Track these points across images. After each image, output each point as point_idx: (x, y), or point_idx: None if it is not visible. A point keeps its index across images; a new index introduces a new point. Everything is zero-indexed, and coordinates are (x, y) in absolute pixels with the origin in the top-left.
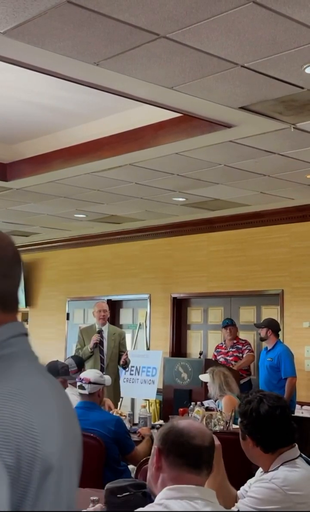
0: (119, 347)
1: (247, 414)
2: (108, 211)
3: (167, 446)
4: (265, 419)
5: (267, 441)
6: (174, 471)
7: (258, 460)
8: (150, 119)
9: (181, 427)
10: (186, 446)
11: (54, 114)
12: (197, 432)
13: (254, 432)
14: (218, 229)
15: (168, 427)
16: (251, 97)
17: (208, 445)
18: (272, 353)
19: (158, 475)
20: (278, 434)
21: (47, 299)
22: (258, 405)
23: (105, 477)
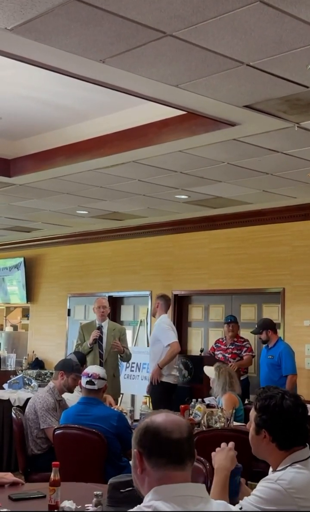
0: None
1: (268, 409)
2: (111, 208)
3: (147, 448)
4: (287, 415)
5: (285, 437)
6: (158, 471)
7: (269, 456)
8: (154, 116)
9: (156, 425)
10: (165, 443)
11: (58, 111)
12: (174, 426)
13: (274, 427)
14: (219, 226)
15: (143, 428)
16: (255, 96)
17: (187, 436)
18: (273, 351)
19: (143, 478)
20: (297, 431)
21: (48, 295)
22: (281, 401)
23: (107, 473)
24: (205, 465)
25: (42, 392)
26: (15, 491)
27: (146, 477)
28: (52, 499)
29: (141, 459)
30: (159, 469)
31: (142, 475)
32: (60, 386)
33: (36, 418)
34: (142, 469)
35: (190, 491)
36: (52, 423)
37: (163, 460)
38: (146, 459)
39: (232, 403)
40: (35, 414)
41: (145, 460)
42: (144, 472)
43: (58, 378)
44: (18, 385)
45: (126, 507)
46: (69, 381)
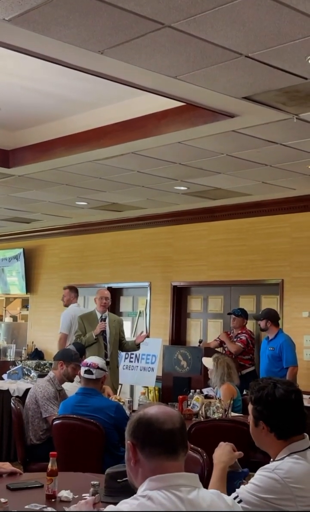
0: (119, 334)
1: (261, 400)
2: (110, 199)
3: (140, 439)
4: (281, 403)
5: (282, 426)
6: (152, 462)
7: (269, 447)
8: (153, 108)
9: (148, 417)
10: (158, 434)
11: (57, 102)
12: (166, 417)
13: (269, 418)
14: (218, 218)
15: (136, 419)
16: (254, 87)
17: (179, 426)
18: (273, 343)
19: (137, 469)
20: (293, 418)
21: (48, 286)
22: (273, 390)
23: (104, 463)
24: (202, 455)
25: (42, 381)
26: (13, 480)
27: (140, 468)
28: (50, 489)
29: (134, 450)
30: (152, 460)
31: (136, 467)
32: (60, 376)
33: (37, 407)
34: (136, 460)
35: (184, 481)
36: (54, 411)
37: (156, 451)
38: (139, 450)
39: (230, 394)
40: (36, 403)
41: (138, 451)
42: (138, 463)
43: (58, 368)
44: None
45: (123, 497)
46: (69, 370)
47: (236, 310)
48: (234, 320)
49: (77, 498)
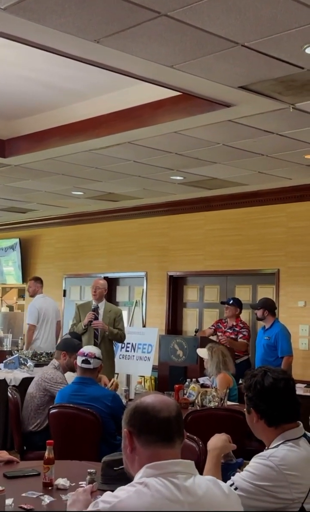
0: (114, 324)
1: (251, 387)
2: (106, 188)
3: (136, 427)
4: (269, 391)
5: (271, 413)
6: (148, 449)
7: (262, 434)
8: (149, 97)
9: (145, 405)
10: (154, 422)
11: (53, 91)
12: (162, 405)
13: (258, 405)
14: (215, 208)
15: (132, 408)
16: (250, 77)
17: (175, 414)
18: (269, 332)
19: (133, 457)
20: (281, 406)
21: (44, 276)
22: (263, 378)
23: (101, 451)
24: (198, 443)
25: (49, 369)
26: (10, 469)
27: (136, 456)
28: (47, 477)
29: (131, 438)
30: (149, 447)
31: (132, 454)
32: (63, 365)
33: (44, 395)
34: (133, 448)
35: (180, 468)
36: None
37: (152, 439)
38: (136, 438)
39: (226, 383)
40: (44, 390)
41: (135, 439)
42: (135, 451)
43: (61, 358)
44: (14, 365)
45: (120, 485)
46: (72, 360)
47: (229, 299)
48: (227, 309)
49: (74, 486)
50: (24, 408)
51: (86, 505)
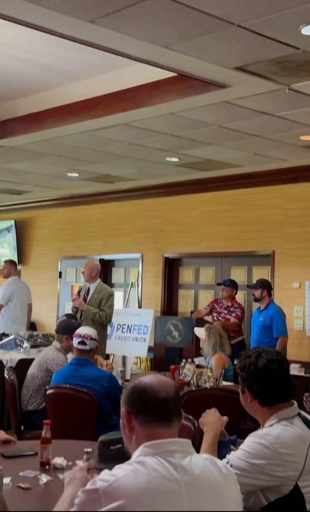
0: (100, 305)
1: (245, 368)
2: (102, 170)
3: (135, 407)
4: (262, 372)
5: (265, 394)
6: (146, 429)
7: (256, 414)
8: (145, 78)
9: (143, 385)
10: (152, 402)
11: (48, 72)
12: (160, 386)
13: (252, 385)
14: (210, 189)
15: (131, 388)
16: (246, 58)
17: (173, 395)
18: (264, 313)
19: (131, 436)
20: (275, 387)
21: (40, 257)
22: (257, 359)
23: (98, 431)
24: (194, 423)
25: (51, 350)
26: (7, 448)
27: (134, 435)
28: (44, 456)
29: (129, 417)
30: (147, 427)
31: (130, 433)
32: (66, 348)
33: (45, 375)
34: (131, 427)
35: (177, 447)
36: None
37: (151, 418)
38: (134, 418)
39: (221, 363)
40: (45, 371)
41: (133, 419)
42: (133, 431)
43: (64, 341)
44: (10, 346)
45: (116, 463)
46: None
47: (226, 280)
48: (223, 290)
49: (71, 465)
50: (24, 388)
51: (83, 482)
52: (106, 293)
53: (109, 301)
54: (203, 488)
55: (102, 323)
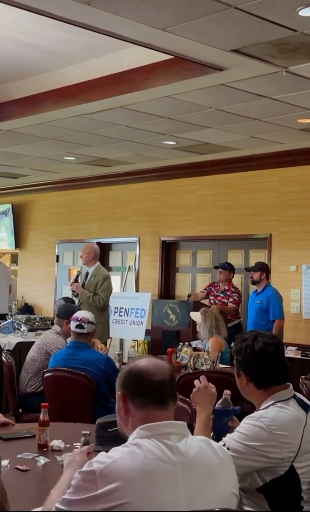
0: (96, 288)
1: (241, 351)
2: (98, 154)
3: (130, 390)
4: (258, 355)
5: (260, 377)
6: (142, 412)
7: (251, 397)
8: (141, 61)
9: (138, 368)
10: (147, 385)
11: (44, 55)
12: (156, 369)
13: (248, 368)
14: (207, 173)
15: (126, 371)
16: (243, 40)
17: (168, 378)
18: (261, 296)
19: (127, 419)
20: (270, 370)
21: (37, 241)
22: (253, 342)
23: (95, 413)
24: (190, 405)
25: (51, 333)
26: (5, 431)
27: (130, 418)
28: (42, 439)
29: (125, 400)
30: (142, 410)
31: (126, 416)
32: (66, 332)
33: (45, 358)
34: (126, 410)
35: (173, 429)
36: None
37: (146, 401)
38: (130, 401)
39: (218, 346)
40: (45, 354)
41: (129, 402)
42: (128, 413)
43: (64, 326)
44: (8, 329)
45: (114, 446)
46: None
47: (223, 264)
48: (220, 273)
49: (68, 447)
50: (24, 370)
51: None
52: (102, 276)
53: (103, 285)
54: (198, 469)
55: (96, 306)
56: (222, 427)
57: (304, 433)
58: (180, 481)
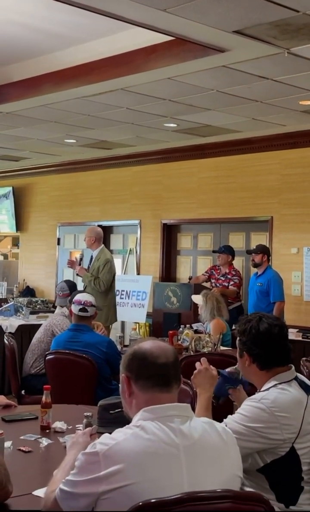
0: (98, 271)
1: (246, 332)
2: (99, 136)
3: (134, 372)
4: (263, 336)
5: (264, 358)
6: (146, 394)
7: (254, 378)
8: (142, 42)
9: (143, 351)
10: (152, 367)
11: (44, 36)
12: (160, 351)
13: (251, 349)
14: (208, 155)
15: (131, 353)
16: (245, 21)
17: (172, 360)
18: (262, 278)
19: (131, 401)
20: (274, 351)
21: (38, 224)
22: (258, 323)
23: (97, 395)
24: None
25: (58, 316)
26: (8, 413)
27: (134, 400)
28: (44, 420)
29: (129, 383)
30: (146, 392)
31: (130, 398)
32: None
33: (51, 341)
34: (131, 392)
35: (176, 412)
36: None
37: (150, 383)
38: (134, 383)
39: (219, 329)
40: (51, 336)
41: (133, 384)
42: (133, 395)
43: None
44: (9, 312)
45: (116, 428)
46: None
47: (220, 247)
48: (219, 257)
49: (71, 429)
50: (30, 351)
51: (85, 447)
52: (103, 260)
53: (105, 268)
54: (202, 452)
55: (98, 290)
56: (223, 392)
57: (305, 414)
58: (183, 464)
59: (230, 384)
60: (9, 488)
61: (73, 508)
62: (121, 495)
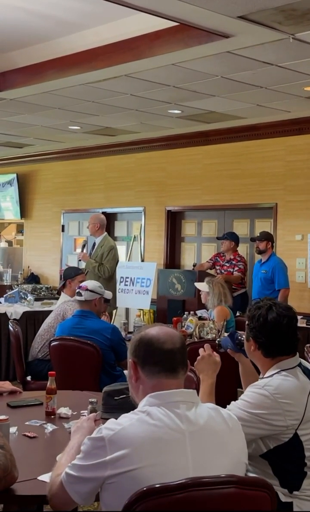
0: (102, 258)
1: (254, 318)
2: (103, 123)
3: (141, 358)
4: (270, 326)
5: (269, 347)
6: (152, 379)
7: (258, 362)
8: (146, 28)
9: (149, 336)
10: (158, 353)
11: (48, 22)
12: (166, 337)
13: (258, 336)
14: (213, 142)
15: (138, 339)
16: (250, 6)
17: (179, 346)
18: (266, 266)
19: (137, 386)
20: (279, 342)
21: (42, 211)
22: (267, 311)
23: (101, 382)
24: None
25: (71, 302)
26: (13, 399)
27: (141, 385)
28: (49, 406)
29: (136, 368)
30: (153, 377)
31: (137, 384)
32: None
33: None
34: (137, 377)
35: (182, 398)
36: None
37: (157, 368)
38: (140, 368)
39: (223, 315)
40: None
41: (139, 369)
42: (139, 381)
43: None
44: (14, 299)
45: (120, 413)
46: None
47: (224, 234)
48: (223, 244)
49: (75, 414)
50: (38, 336)
51: (90, 432)
52: (107, 247)
53: (109, 255)
54: (207, 438)
55: (101, 276)
56: (225, 345)
57: (309, 401)
58: (188, 449)
59: (230, 346)
60: (15, 474)
61: (79, 492)
62: (127, 479)
